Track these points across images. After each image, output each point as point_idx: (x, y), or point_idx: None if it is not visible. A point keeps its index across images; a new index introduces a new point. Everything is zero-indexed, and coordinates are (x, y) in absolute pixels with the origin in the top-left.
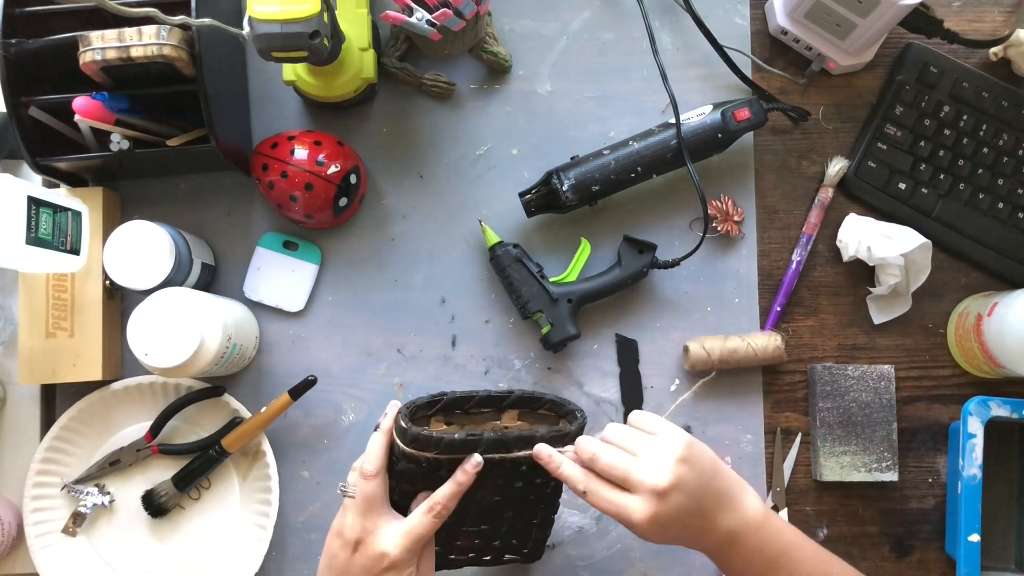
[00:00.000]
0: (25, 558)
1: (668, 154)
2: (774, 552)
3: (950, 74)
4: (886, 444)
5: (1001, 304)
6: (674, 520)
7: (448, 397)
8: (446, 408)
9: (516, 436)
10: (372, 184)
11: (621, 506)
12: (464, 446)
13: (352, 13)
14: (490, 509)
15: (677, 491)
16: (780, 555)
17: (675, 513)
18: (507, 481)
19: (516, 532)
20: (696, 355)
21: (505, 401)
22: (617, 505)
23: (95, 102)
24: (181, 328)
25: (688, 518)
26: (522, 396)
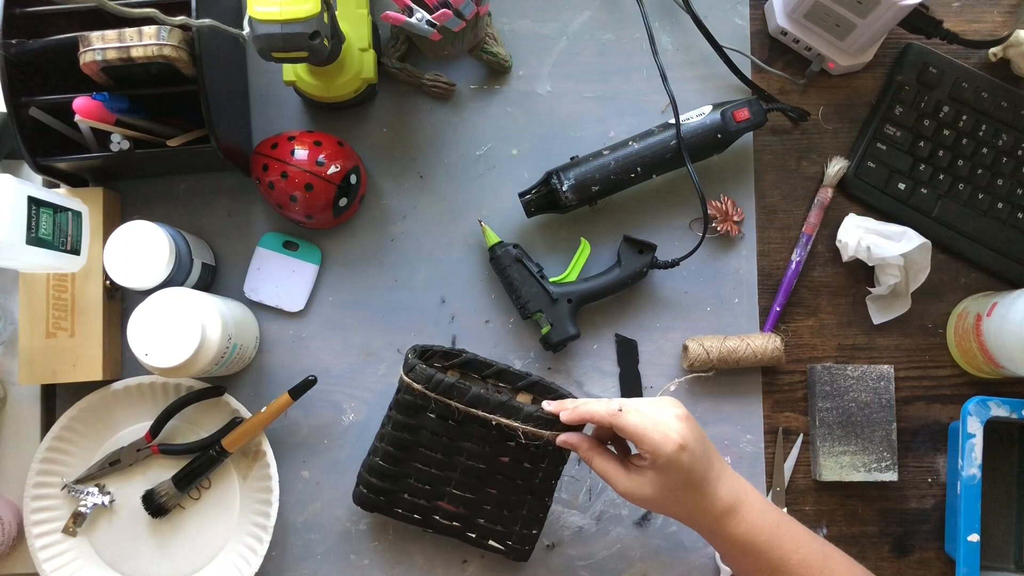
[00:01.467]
0: (25, 558)
1: (668, 154)
2: (775, 521)
3: (949, 74)
4: (886, 444)
5: (1001, 304)
6: (696, 451)
7: (467, 356)
8: (463, 366)
9: (501, 401)
10: (372, 184)
11: (658, 421)
12: (450, 391)
13: (352, 13)
14: (476, 475)
15: (693, 422)
16: (780, 525)
17: (696, 442)
18: (493, 451)
19: (501, 517)
20: (695, 354)
21: (521, 382)
22: (654, 420)
23: (95, 102)
24: (181, 328)
25: (704, 455)
26: (538, 383)
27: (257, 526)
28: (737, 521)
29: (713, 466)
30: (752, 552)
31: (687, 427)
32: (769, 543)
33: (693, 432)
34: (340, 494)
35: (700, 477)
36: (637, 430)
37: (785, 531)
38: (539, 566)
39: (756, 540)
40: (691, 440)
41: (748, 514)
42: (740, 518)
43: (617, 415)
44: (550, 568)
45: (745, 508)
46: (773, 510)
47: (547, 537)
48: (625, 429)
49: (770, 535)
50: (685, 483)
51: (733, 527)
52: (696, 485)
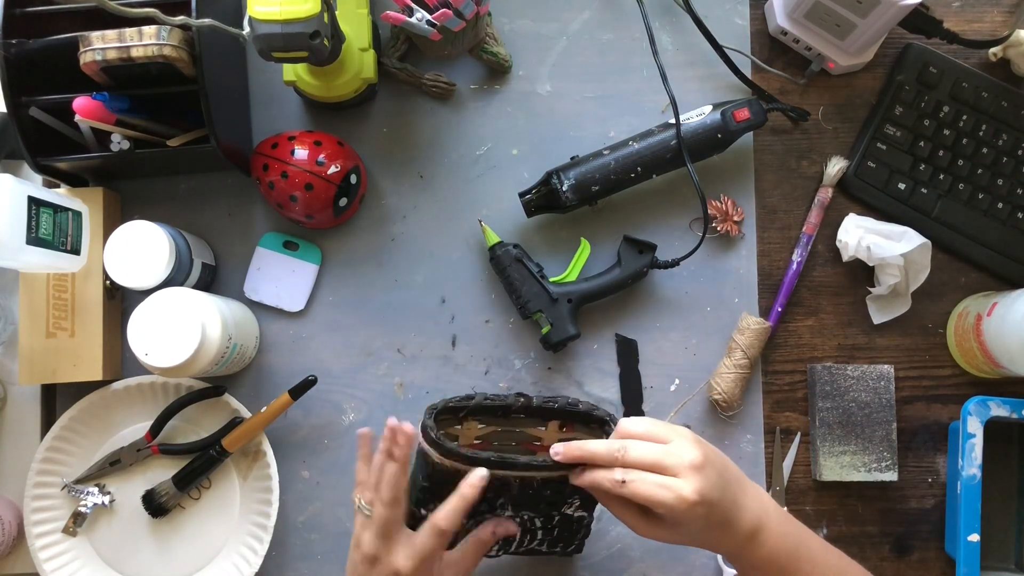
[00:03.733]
0: (25, 558)
1: (668, 154)
2: (795, 540)
3: (950, 74)
4: (886, 444)
5: (1001, 304)
6: (713, 498)
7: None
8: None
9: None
10: (372, 184)
11: (668, 486)
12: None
13: (352, 13)
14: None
15: (710, 465)
16: (799, 545)
17: (712, 488)
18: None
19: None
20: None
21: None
22: (664, 486)
23: (95, 102)
24: (181, 328)
25: (723, 497)
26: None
27: (257, 526)
28: (759, 544)
29: (735, 500)
30: (771, 572)
31: (701, 479)
32: (787, 565)
33: (708, 479)
34: (340, 494)
35: (721, 519)
36: (647, 500)
37: (803, 551)
38: (539, 566)
39: (776, 561)
40: (707, 491)
41: (769, 538)
42: (760, 542)
43: (622, 488)
44: (550, 568)
45: (766, 532)
46: (793, 528)
47: None
48: (635, 499)
49: (789, 556)
50: (706, 527)
51: (755, 550)
52: (718, 525)
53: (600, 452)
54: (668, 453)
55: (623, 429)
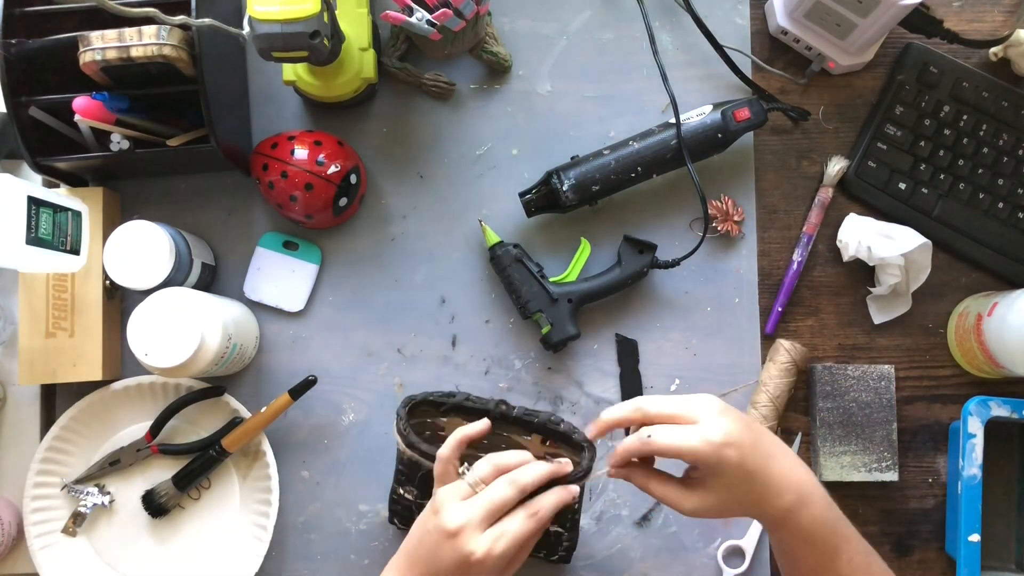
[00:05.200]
0: (25, 558)
1: (668, 154)
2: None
3: (950, 74)
4: (886, 444)
5: (1001, 304)
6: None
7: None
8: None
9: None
10: (372, 184)
11: (691, 430)
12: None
13: (352, 13)
14: None
15: (733, 413)
16: (840, 520)
17: (740, 433)
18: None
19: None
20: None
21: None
22: (687, 430)
23: (95, 102)
24: (181, 328)
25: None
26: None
27: (257, 526)
28: (806, 513)
29: (772, 454)
30: (812, 543)
31: (727, 420)
32: (828, 538)
33: (736, 424)
34: (340, 494)
35: (759, 466)
36: (673, 448)
37: (841, 528)
38: (539, 566)
39: (819, 532)
40: (735, 433)
41: (814, 507)
42: (808, 510)
43: (648, 443)
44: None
45: (814, 499)
46: (834, 505)
47: None
48: (662, 452)
49: (831, 529)
50: (744, 477)
51: (802, 518)
52: (755, 475)
53: (631, 444)
54: (688, 402)
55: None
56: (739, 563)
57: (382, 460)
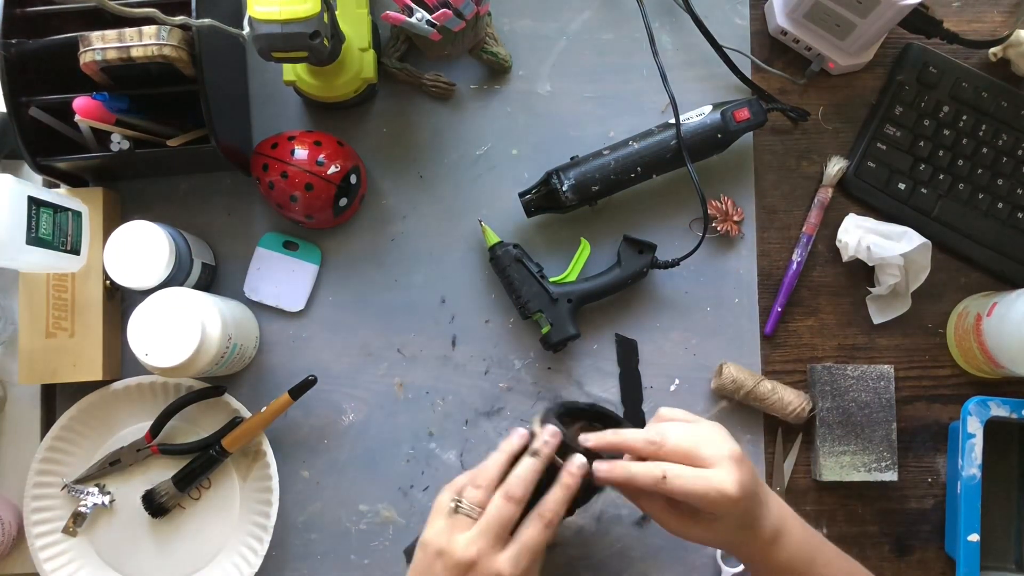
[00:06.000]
0: (25, 558)
1: (668, 154)
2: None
3: (950, 74)
4: (886, 444)
5: (1001, 304)
6: (751, 493)
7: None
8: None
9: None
10: (372, 184)
11: (709, 479)
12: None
13: (352, 13)
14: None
15: (747, 461)
16: (816, 550)
17: (750, 483)
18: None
19: None
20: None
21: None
22: (705, 479)
23: (95, 102)
24: (181, 328)
25: (756, 494)
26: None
27: (257, 526)
28: (780, 548)
29: (762, 500)
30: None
31: (742, 473)
32: (806, 569)
33: (747, 474)
34: (340, 494)
35: (752, 517)
36: (690, 496)
37: (820, 556)
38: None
39: (795, 566)
40: (748, 486)
41: (789, 543)
42: (782, 546)
43: (662, 483)
44: (550, 568)
45: (787, 536)
46: (810, 534)
47: None
48: (675, 495)
49: (807, 561)
50: (738, 525)
51: (776, 554)
52: (747, 524)
53: (638, 440)
54: (705, 441)
55: (661, 415)
56: (737, 563)
57: (382, 460)
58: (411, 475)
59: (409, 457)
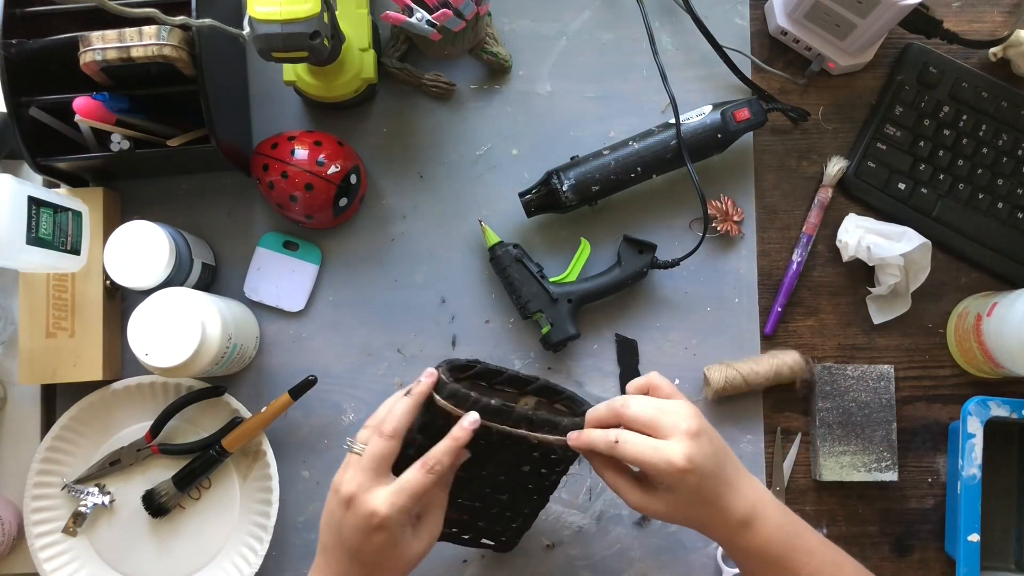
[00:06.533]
0: (25, 558)
1: (668, 154)
2: (791, 533)
3: (950, 74)
4: (886, 444)
5: (1001, 304)
6: (705, 469)
7: (482, 366)
8: (475, 376)
9: (545, 419)
10: (372, 184)
11: (657, 448)
12: (496, 414)
13: (352, 13)
14: (491, 487)
15: (705, 436)
16: (795, 537)
17: (705, 459)
18: (517, 462)
19: (503, 518)
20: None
21: (529, 385)
22: (653, 447)
23: (95, 102)
24: (181, 328)
25: (716, 472)
26: (545, 385)
27: (257, 526)
28: (753, 534)
29: (727, 480)
30: (765, 563)
31: (694, 446)
32: (782, 555)
33: (702, 449)
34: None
35: (711, 494)
36: (637, 459)
37: (800, 544)
38: (539, 566)
39: (769, 552)
40: (699, 460)
41: (764, 527)
42: (755, 531)
43: (614, 447)
44: (550, 568)
45: (760, 521)
46: (790, 522)
47: (547, 537)
48: (625, 459)
49: (783, 547)
50: (695, 501)
51: (748, 539)
52: (708, 501)
53: (598, 442)
54: (665, 412)
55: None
56: None
57: None
58: None
59: None
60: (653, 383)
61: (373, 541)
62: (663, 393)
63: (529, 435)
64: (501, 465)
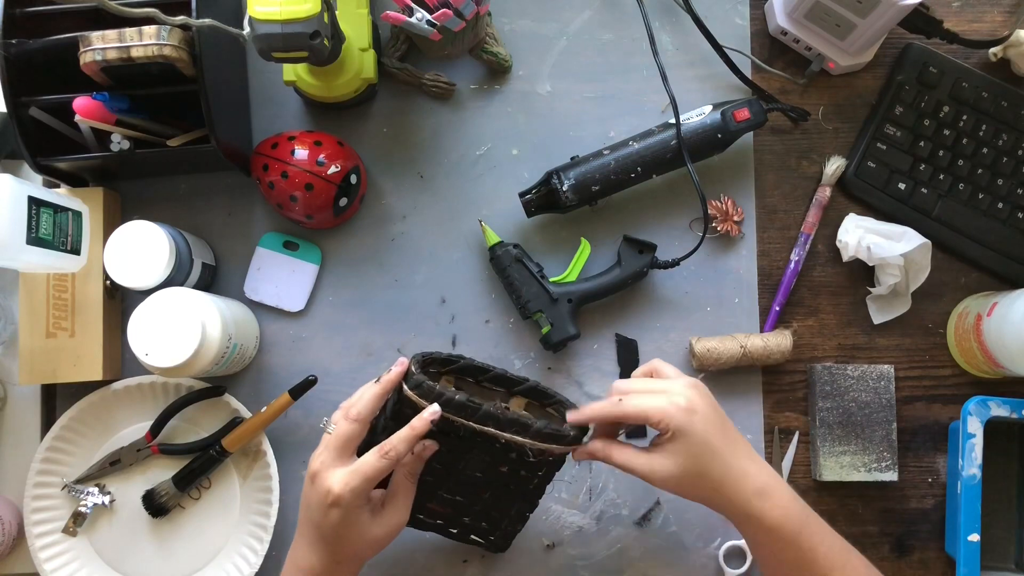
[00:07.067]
0: (25, 558)
1: (668, 154)
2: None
3: (950, 74)
4: (886, 444)
5: (1001, 304)
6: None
7: (464, 362)
8: (459, 371)
9: (512, 418)
10: (372, 184)
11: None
12: (460, 409)
13: (352, 13)
14: (470, 482)
15: (706, 395)
16: (808, 515)
17: (708, 407)
18: (493, 460)
19: (488, 516)
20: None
21: (517, 387)
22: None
23: (95, 102)
24: (181, 328)
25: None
26: (535, 388)
27: (257, 526)
28: (772, 505)
29: (736, 444)
30: (783, 539)
31: (695, 392)
32: (800, 531)
33: (704, 398)
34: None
35: (722, 445)
36: (640, 410)
37: (813, 521)
38: (539, 566)
39: (788, 526)
40: (700, 404)
41: (781, 499)
42: (774, 502)
43: (619, 405)
44: (550, 568)
45: (778, 493)
46: (800, 500)
47: (547, 537)
48: (629, 415)
49: (801, 523)
50: (706, 449)
51: (768, 510)
52: (717, 452)
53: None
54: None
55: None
56: (740, 564)
57: None
58: None
59: None
60: (656, 367)
61: (329, 517)
62: (666, 375)
63: (495, 433)
64: (477, 463)
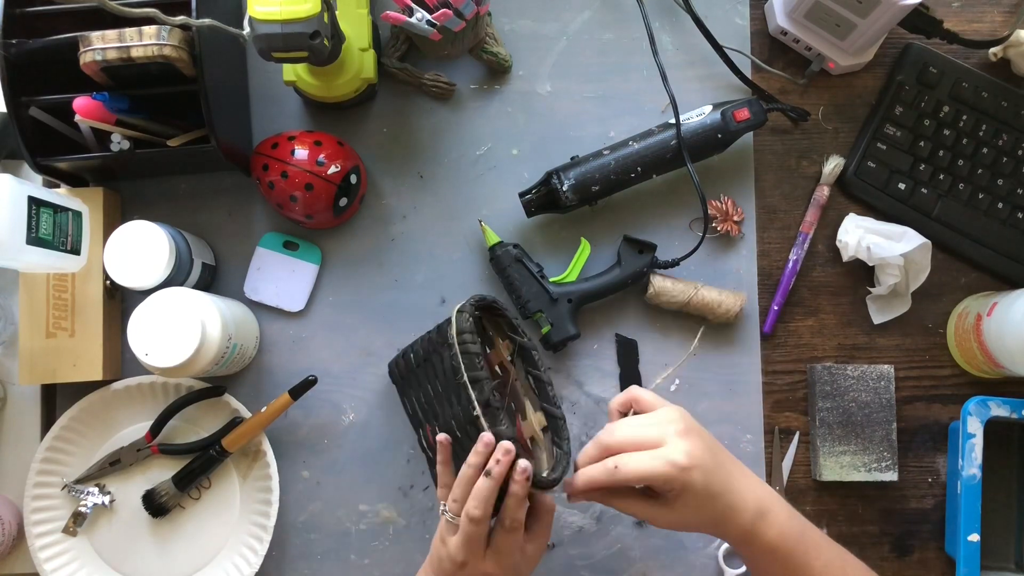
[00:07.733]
0: (25, 558)
1: (668, 154)
2: (801, 524)
3: (950, 74)
4: (886, 444)
5: (1001, 304)
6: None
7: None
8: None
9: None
10: (372, 184)
11: (655, 456)
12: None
13: (352, 13)
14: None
15: (695, 432)
16: (806, 528)
17: (702, 453)
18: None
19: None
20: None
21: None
22: (651, 457)
23: (95, 102)
24: (181, 328)
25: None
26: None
27: (257, 526)
28: (768, 525)
29: (732, 473)
30: (781, 557)
31: (691, 443)
32: (796, 548)
33: (698, 446)
34: (340, 494)
35: (721, 486)
36: (641, 476)
37: (809, 536)
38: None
39: (785, 544)
40: (698, 456)
41: (777, 518)
42: (770, 523)
43: (615, 474)
44: (550, 568)
45: (774, 513)
46: (797, 515)
47: None
48: (629, 480)
49: (797, 540)
50: (708, 498)
51: (764, 531)
52: (719, 494)
53: (598, 476)
54: (651, 425)
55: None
56: (739, 563)
57: (382, 460)
58: (411, 475)
59: (409, 457)
60: (634, 396)
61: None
62: (645, 404)
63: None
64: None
